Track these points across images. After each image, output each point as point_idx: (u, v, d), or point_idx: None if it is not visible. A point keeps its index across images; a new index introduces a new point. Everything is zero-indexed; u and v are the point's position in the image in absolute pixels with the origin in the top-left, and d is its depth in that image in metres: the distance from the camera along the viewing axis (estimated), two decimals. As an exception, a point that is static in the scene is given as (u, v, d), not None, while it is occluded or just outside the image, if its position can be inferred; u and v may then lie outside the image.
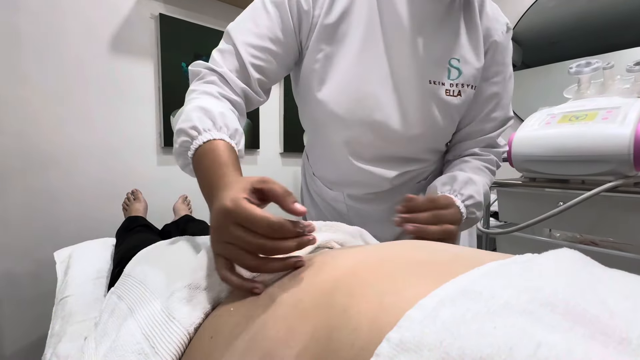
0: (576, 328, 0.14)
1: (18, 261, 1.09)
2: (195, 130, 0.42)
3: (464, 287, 0.18)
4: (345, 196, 0.68)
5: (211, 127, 0.43)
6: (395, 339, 0.16)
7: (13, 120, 1.07)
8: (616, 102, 0.76)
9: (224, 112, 0.45)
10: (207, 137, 0.42)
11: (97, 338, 0.34)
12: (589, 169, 0.74)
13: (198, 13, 1.43)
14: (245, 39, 0.52)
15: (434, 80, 0.55)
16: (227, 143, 0.42)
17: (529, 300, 0.15)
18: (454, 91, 0.55)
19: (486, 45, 0.58)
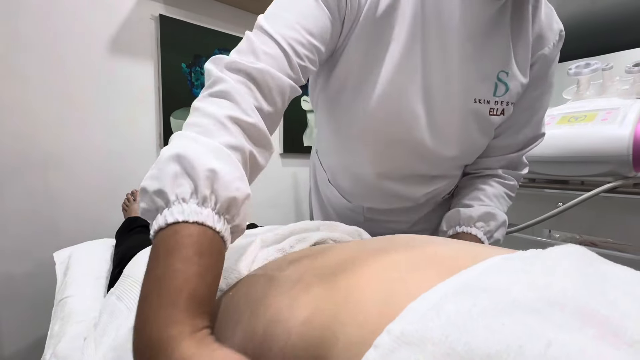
0: (586, 328, 0.13)
1: (17, 262, 1.09)
2: (161, 197, 0.26)
3: (467, 282, 0.17)
4: (365, 209, 0.63)
5: (188, 195, 0.26)
6: (396, 330, 0.15)
7: (13, 120, 1.07)
8: (615, 103, 0.76)
9: (217, 169, 0.27)
10: (174, 216, 0.25)
11: (96, 338, 0.34)
12: (588, 169, 0.74)
13: (198, 14, 1.43)
14: (287, 33, 0.38)
15: (479, 99, 0.47)
16: (208, 230, 0.25)
17: (537, 299, 0.15)
18: (497, 109, 0.48)
19: (534, 58, 0.49)
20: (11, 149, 1.07)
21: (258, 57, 0.36)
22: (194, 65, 1.42)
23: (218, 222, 0.26)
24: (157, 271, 0.23)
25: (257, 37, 0.38)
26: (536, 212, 0.78)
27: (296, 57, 0.38)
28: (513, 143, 0.55)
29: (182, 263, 0.23)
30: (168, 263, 0.23)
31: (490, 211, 0.52)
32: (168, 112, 1.36)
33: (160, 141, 1.36)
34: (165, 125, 1.36)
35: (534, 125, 0.54)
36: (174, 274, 0.23)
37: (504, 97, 0.48)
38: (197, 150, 0.27)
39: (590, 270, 0.17)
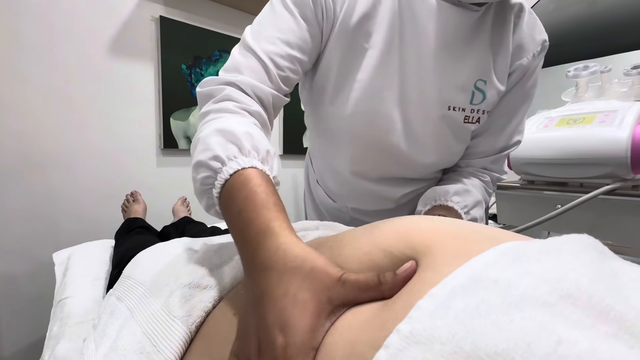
0: (599, 325, 0.13)
1: (17, 262, 1.09)
2: (217, 160, 0.33)
3: (477, 275, 0.17)
4: (349, 209, 0.66)
5: (237, 153, 0.33)
6: (405, 330, 0.15)
7: (13, 121, 1.07)
8: (613, 106, 0.77)
9: (250, 132, 0.35)
10: (234, 167, 0.32)
11: (96, 339, 0.34)
12: (586, 171, 0.74)
13: (198, 15, 1.44)
14: (268, 48, 0.43)
15: (454, 107, 0.48)
16: (260, 172, 0.33)
17: (549, 292, 0.14)
18: (473, 117, 0.49)
19: (512, 67, 0.50)
20: (11, 149, 1.07)
21: (241, 72, 0.42)
22: (194, 67, 1.42)
23: (264, 167, 0.34)
24: (241, 196, 0.30)
25: (240, 54, 0.44)
26: (535, 214, 0.78)
27: (276, 69, 0.43)
28: (488, 149, 0.56)
29: (257, 187, 0.30)
30: (247, 188, 0.30)
31: (467, 188, 0.52)
32: (168, 113, 1.36)
33: (160, 142, 1.36)
34: (165, 126, 1.36)
35: (509, 133, 0.55)
36: (256, 193, 0.30)
37: (481, 106, 0.49)
38: (231, 122, 0.36)
39: (604, 265, 0.16)
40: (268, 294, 0.23)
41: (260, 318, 0.22)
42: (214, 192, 0.33)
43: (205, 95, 0.42)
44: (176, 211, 1.32)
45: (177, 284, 0.34)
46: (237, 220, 0.29)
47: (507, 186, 0.94)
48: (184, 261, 0.39)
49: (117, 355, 0.29)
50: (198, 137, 0.36)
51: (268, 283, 0.23)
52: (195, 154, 0.35)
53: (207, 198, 0.35)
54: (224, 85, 0.41)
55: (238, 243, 0.29)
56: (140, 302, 0.35)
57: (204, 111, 0.40)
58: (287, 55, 0.44)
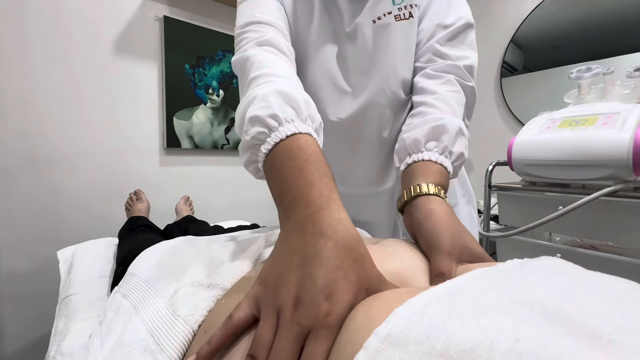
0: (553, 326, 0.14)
1: (22, 259, 1.10)
2: (275, 119, 0.33)
3: (451, 289, 0.19)
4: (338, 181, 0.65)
5: (295, 117, 0.34)
6: (382, 333, 0.17)
7: (18, 120, 1.08)
8: (616, 108, 0.77)
9: (307, 99, 0.37)
10: (292, 130, 0.33)
11: (102, 335, 0.35)
12: (588, 173, 0.74)
13: (202, 16, 1.44)
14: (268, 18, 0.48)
15: (379, 16, 0.51)
16: (315, 140, 0.33)
17: (510, 302, 0.16)
18: (404, 14, 0.52)
19: None
20: (17, 148, 1.08)
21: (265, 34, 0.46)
22: (197, 66, 1.43)
23: (317, 137, 0.35)
24: (303, 157, 0.31)
25: (252, 27, 0.47)
26: (536, 215, 0.79)
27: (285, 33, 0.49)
28: (425, 35, 0.53)
29: (318, 154, 0.32)
30: (309, 153, 0.31)
31: (437, 123, 0.45)
32: (171, 113, 1.37)
33: (164, 141, 1.37)
34: (169, 126, 1.37)
35: (434, 14, 0.53)
36: (317, 160, 0.31)
37: (404, 2, 0.52)
38: (290, 86, 0.37)
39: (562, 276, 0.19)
40: (322, 259, 0.23)
41: (307, 278, 0.23)
42: (263, 148, 0.33)
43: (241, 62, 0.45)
44: (179, 210, 1.33)
45: (181, 283, 0.34)
46: (296, 179, 0.29)
47: (508, 187, 0.94)
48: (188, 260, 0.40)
49: (121, 352, 0.30)
50: (255, 94, 0.36)
51: (324, 249, 0.24)
52: (252, 109, 0.35)
53: (251, 153, 0.36)
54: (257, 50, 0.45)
55: (289, 197, 0.29)
56: (144, 300, 0.36)
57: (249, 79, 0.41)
58: (285, 22, 0.50)
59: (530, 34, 1.67)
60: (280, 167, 0.31)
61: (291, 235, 0.27)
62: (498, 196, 0.98)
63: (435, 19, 0.53)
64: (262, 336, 0.22)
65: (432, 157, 0.43)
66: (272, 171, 0.33)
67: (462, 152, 0.44)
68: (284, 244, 0.27)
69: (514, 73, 1.74)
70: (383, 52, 0.52)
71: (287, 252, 0.26)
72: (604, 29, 1.46)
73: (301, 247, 0.25)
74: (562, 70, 1.57)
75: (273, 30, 0.48)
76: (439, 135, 0.44)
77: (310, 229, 0.26)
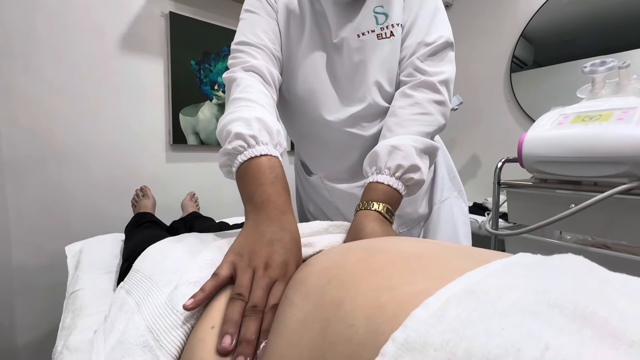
0: (585, 330, 0.13)
1: (31, 254, 1.12)
2: (254, 139, 0.44)
3: (469, 287, 0.18)
4: (323, 179, 0.70)
5: (268, 141, 0.45)
6: (400, 338, 0.16)
7: (26, 116, 1.09)
8: (632, 102, 0.74)
9: (279, 130, 0.48)
10: (265, 152, 0.44)
11: (105, 331, 0.35)
12: (602, 170, 0.72)
13: (208, 11, 1.44)
14: (259, 41, 0.57)
15: (362, 32, 0.59)
16: (281, 163, 0.45)
17: (536, 302, 0.15)
18: (385, 33, 0.59)
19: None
20: (25, 144, 1.09)
21: (252, 58, 0.56)
22: (202, 63, 1.43)
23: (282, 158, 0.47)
24: (271, 175, 0.43)
25: (243, 48, 0.57)
26: (547, 213, 0.77)
27: (271, 55, 0.58)
28: (405, 54, 0.60)
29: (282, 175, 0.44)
30: (276, 172, 0.43)
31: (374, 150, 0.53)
32: (177, 109, 1.37)
33: (170, 137, 1.37)
34: (175, 122, 1.37)
35: (417, 32, 0.60)
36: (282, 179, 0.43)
37: (387, 22, 0.59)
38: (268, 116, 0.48)
39: (590, 276, 0.18)
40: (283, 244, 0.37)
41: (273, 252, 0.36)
42: (240, 158, 0.44)
43: (232, 80, 0.54)
44: (185, 206, 1.34)
45: (182, 280, 0.34)
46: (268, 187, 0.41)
47: (518, 184, 0.92)
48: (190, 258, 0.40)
49: (122, 349, 0.30)
50: (240, 115, 0.47)
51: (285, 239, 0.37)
52: (237, 127, 0.45)
53: (227, 159, 0.46)
54: (249, 72, 0.54)
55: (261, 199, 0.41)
56: (146, 296, 0.36)
57: (238, 97, 0.51)
58: (273, 41, 0.58)
59: (541, 28, 1.63)
60: (255, 176, 0.42)
61: (262, 224, 0.39)
62: (507, 193, 0.97)
63: (418, 36, 0.59)
64: (243, 282, 0.33)
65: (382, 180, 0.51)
66: (246, 177, 0.43)
67: (399, 164, 0.50)
68: (256, 228, 0.39)
69: (524, 68, 1.70)
70: (364, 65, 0.59)
71: (258, 235, 0.38)
72: (619, 21, 1.42)
73: (270, 233, 0.37)
74: (574, 65, 1.53)
75: (261, 54, 0.57)
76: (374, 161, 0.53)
77: (277, 223, 0.39)
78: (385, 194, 0.49)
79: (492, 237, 1.03)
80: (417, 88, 0.57)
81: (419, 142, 0.53)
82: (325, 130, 0.63)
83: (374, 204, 0.48)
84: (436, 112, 0.56)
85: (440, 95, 0.57)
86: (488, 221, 1.02)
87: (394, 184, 0.50)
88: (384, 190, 0.49)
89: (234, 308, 0.30)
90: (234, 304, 0.30)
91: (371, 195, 0.50)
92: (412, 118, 0.56)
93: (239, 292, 0.31)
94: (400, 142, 0.52)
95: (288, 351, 0.22)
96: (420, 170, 0.51)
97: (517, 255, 0.22)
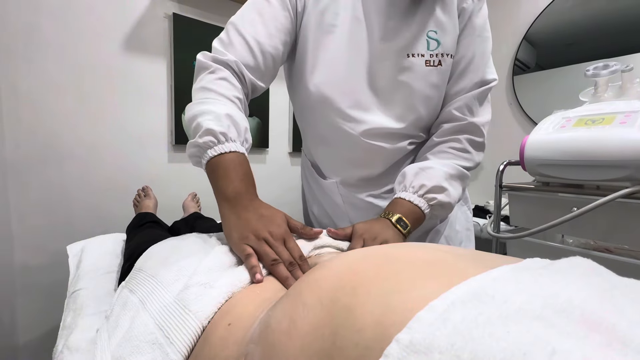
0: (592, 335, 0.13)
1: (33, 253, 1.12)
2: (223, 136, 0.47)
3: (475, 290, 0.17)
4: (339, 184, 0.69)
5: (236, 138, 0.48)
6: (405, 340, 0.16)
7: (29, 116, 1.10)
8: (635, 106, 0.74)
9: (247, 127, 0.51)
10: (234, 149, 0.47)
11: (109, 329, 0.35)
12: (604, 174, 0.72)
13: (211, 13, 1.45)
14: (252, 30, 0.55)
15: (412, 53, 0.57)
16: (247, 159, 0.49)
17: (543, 306, 0.15)
18: (434, 61, 0.57)
19: (458, 12, 0.59)
20: (27, 144, 1.10)
21: (230, 50, 0.55)
22: (205, 64, 1.44)
23: (247, 154, 0.50)
24: (241, 171, 0.47)
25: (232, 32, 0.56)
26: (549, 216, 0.77)
27: (259, 50, 0.55)
28: (461, 88, 0.61)
29: (249, 170, 0.48)
30: (244, 168, 0.48)
31: (403, 170, 0.58)
32: (180, 109, 1.38)
33: (172, 138, 1.38)
34: (177, 123, 1.37)
35: (473, 71, 0.60)
36: (250, 175, 0.48)
37: (438, 50, 0.57)
38: (237, 112, 0.50)
39: (597, 280, 0.17)
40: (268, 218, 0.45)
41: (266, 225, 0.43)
42: (210, 152, 0.47)
43: (204, 66, 0.55)
44: (186, 207, 1.34)
45: (192, 281, 0.34)
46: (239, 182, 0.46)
47: (520, 187, 0.92)
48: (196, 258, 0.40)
49: (130, 346, 0.30)
50: (210, 109, 0.48)
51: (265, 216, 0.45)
52: (208, 122, 0.47)
53: (197, 150, 0.48)
54: (222, 66, 0.54)
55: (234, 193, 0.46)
56: (151, 295, 0.36)
57: (205, 85, 0.53)
58: (267, 35, 0.55)
59: (544, 31, 1.63)
60: (226, 172, 0.46)
61: (242, 212, 0.45)
62: (509, 196, 0.96)
63: (475, 76, 0.60)
64: (267, 251, 0.40)
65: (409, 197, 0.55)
66: (217, 171, 0.47)
67: (422, 184, 0.54)
68: (239, 216, 0.45)
69: (527, 71, 1.71)
70: (408, 87, 0.58)
71: (245, 219, 0.44)
72: (621, 25, 1.42)
73: (253, 214, 0.45)
74: (576, 68, 1.53)
75: (244, 47, 0.55)
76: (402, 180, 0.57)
77: (252, 207, 0.46)
78: (405, 208, 0.53)
79: (493, 240, 1.03)
80: (464, 127, 0.60)
81: (449, 166, 0.57)
82: (349, 137, 0.61)
83: (390, 213, 0.53)
84: (474, 152, 0.61)
85: (481, 138, 0.61)
86: (490, 224, 1.01)
87: (414, 200, 0.53)
88: (405, 206, 0.53)
89: (280, 270, 0.37)
90: (277, 267, 0.37)
91: (391, 208, 0.54)
92: (450, 151, 0.60)
93: (272, 258, 0.38)
94: (429, 165, 0.56)
95: (300, 354, 0.22)
96: (445, 192, 0.55)
97: (524, 260, 0.22)
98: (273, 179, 1.69)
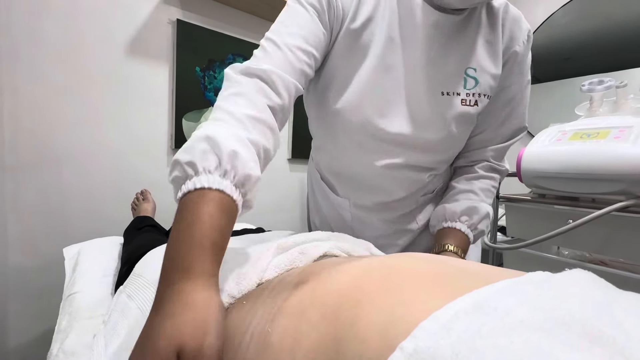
0: (594, 348, 0.13)
1: (29, 255, 1.11)
2: (192, 167, 0.32)
3: (478, 302, 0.18)
4: (352, 204, 0.67)
5: (213, 168, 0.33)
6: (409, 348, 0.16)
7: (28, 119, 1.10)
8: (629, 121, 0.76)
9: (237, 151, 0.34)
10: (202, 184, 0.31)
11: (106, 336, 0.35)
12: (599, 187, 0.73)
13: (214, 20, 1.46)
14: (291, 42, 0.47)
15: (447, 92, 0.54)
16: (226, 197, 0.32)
17: (544, 319, 0.15)
18: (470, 101, 0.55)
19: (506, 56, 0.56)
20: (26, 146, 1.09)
21: (266, 61, 0.45)
22: (207, 69, 1.45)
23: (234, 192, 0.33)
24: (188, 219, 0.30)
25: (267, 45, 0.47)
26: (545, 228, 0.77)
27: (296, 60, 0.47)
28: (498, 135, 0.61)
29: (208, 216, 0.30)
30: (197, 214, 0.30)
31: (474, 205, 0.58)
32: (180, 114, 1.38)
33: (172, 142, 1.38)
34: (178, 127, 1.38)
35: (516, 118, 0.60)
36: (201, 224, 0.30)
37: (475, 90, 0.54)
38: (223, 134, 0.34)
39: (598, 294, 0.18)
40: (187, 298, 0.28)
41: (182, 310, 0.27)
42: (178, 195, 0.34)
43: (228, 79, 0.44)
44: (184, 211, 1.33)
45: None
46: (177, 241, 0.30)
47: (517, 199, 0.93)
48: None
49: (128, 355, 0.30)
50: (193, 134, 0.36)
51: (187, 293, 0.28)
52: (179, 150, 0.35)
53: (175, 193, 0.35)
54: (244, 77, 0.43)
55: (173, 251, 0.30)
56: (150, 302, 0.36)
57: (216, 105, 0.42)
58: (306, 50, 0.48)
59: (541, 45, 1.66)
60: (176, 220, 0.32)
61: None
62: (506, 207, 0.97)
63: (517, 122, 0.61)
64: None
65: (461, 228, 0.57)
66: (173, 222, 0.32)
67: (483, 230, 0.59)
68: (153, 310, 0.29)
69: (524, 84, 1.73)
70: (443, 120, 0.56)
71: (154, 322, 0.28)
72: (617, 41, 1.45)
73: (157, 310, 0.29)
74: (572, 82, 1.56)
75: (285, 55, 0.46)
76: (471, 214, 0.57)
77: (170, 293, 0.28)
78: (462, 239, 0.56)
79: (490, 251, 1.04)
80: (495, 171, 0.63)
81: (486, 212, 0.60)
82: (372, 167, 0.59)
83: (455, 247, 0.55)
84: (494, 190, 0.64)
85: (498, 182, 0.65)
86: (486, 234, 1.02)
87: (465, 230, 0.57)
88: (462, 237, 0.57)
89: None
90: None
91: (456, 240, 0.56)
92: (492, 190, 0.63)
93: None
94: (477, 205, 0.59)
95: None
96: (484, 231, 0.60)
97: (527, 273, 0.22)
98: (272, 185, 1.69)
